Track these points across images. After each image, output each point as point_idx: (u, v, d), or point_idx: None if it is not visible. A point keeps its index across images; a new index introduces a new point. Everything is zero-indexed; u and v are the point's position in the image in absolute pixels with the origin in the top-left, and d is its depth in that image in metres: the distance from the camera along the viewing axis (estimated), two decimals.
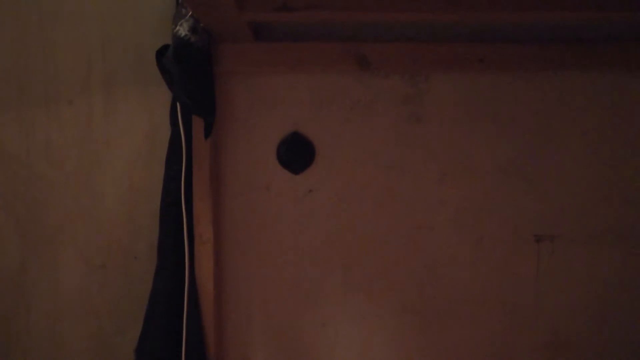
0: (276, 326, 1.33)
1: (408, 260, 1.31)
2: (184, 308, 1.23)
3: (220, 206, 1.29)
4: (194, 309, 1.24)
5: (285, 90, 1.28)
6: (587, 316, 1.31)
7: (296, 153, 1.28)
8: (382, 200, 1.30)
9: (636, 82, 1.27)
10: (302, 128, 1.28)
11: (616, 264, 1.30)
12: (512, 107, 1.28)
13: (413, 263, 1.31)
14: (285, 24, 1.25)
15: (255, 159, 1.29)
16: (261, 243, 1.31)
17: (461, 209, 1.30)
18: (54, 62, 1.29)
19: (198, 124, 1.20)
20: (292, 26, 1.25)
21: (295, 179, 1.29)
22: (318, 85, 1.27)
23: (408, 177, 1.29)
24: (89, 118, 1.30)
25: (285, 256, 1.31)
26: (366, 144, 1.29)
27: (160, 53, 1.19)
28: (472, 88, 1.28)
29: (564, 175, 1.29)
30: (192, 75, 1.14)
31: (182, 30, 1.12)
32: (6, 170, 1.32)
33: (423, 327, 1.32)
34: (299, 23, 1.25)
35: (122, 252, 1.33)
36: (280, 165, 1.28)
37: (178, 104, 1.21)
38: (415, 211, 1.30)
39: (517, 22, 1.25)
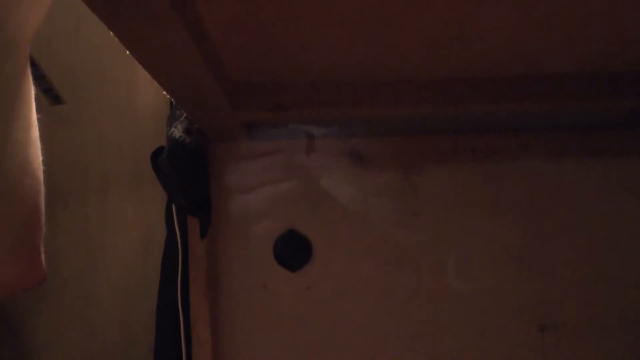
0: None
1: (411, 355, 1.28)
2: None
3: (217, 307, 1.27)
4: None
5: (280, 188, 1.28)
6: None
7: (293, 250, 1.27)
8: (382, 295, 1.28)
9: (631, 166, 1.28)
10: (298, 225, 1.28)
11: (625, 352, 1.27)
12: (508, 195, 1.28)
13: (416, 358, 1.28)
14: (278, 122, 1.27)
15: (251, 258, 1.28)
16: (260, 343, 1.28)
17: (462, 300, 1.28)
18: (49, 166, 1.29)
19: (194, 224, 1.20)
20: (286, 124, 1.27)
21: (292, 276, 1.28)
22: (313, 182, 1.28)
23: (407, 270, 1.28)
24: (84, 222, 1.30)
25: (284, 356, 1.28)
26: (363, 239, 1.28)
27: (156, 155, 1.20)
28: (467, 178, 1.29)
29: (566, 261, 1.27)
30: (187, 176, 1.15)
31: (177, 132, 1.13)
32: None
33: None
34: (292, 121, 1.27)
35: (119, 357, 1.30)
36: (277, 263, 1.27)
37: (173, 205, 1.22)
38: (416, 305, 1.28)
39: (507, 111, 1.27)
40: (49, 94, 1.13)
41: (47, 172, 1.21)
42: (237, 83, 0.96)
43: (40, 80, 1.07)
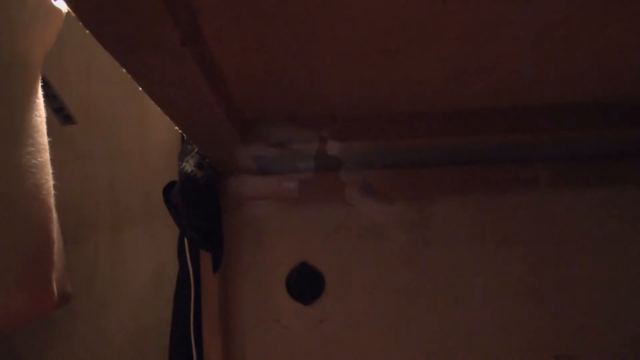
0: None
1: None
2: None
3: (230, 341, 1.26)
4: None
5: (291, 220, 1.28)
6: None
7: (305, 284, 1.26)
8: (395, 327, 1.27)
9: None
10: (311, 258, 1.27)
11: None
12: (520, 225, 1.27)
13: None
14: (289, 155, 1.27)
15: (264, 291, 1.27)
16: None
17: (475, 332, 1.27)
18: (61, 203, 1.30)
19: (206, 258, 1.20)
20: (296, 157, 1.27)
21: (305, 310, 1.27)
22: (324, 214, 1.27)
23: (419, 302, 1.27)
24: (96, 256, 1.30)
25: None
26: (375, 270, 1.27)
27: (167, 189, 1.21)
28: (478, 209, 1.28)
29: (580, 291, 1.26)
30: (198, 210, 1.15)
31: (188, 166, 1.14)
32: None
33: None
34: (303, 154, 1.27)
35: None
36: (290, 296, 1.27)
37: (185, 239, 1.22)
38: (429, 337, 1.27)
39: (519, 143, 1.27)
40: (60, 114, 1.13)
41: (59, 207, 1.22)
42: (248, 117, 0.97)
43: (52, 99, 1.08)
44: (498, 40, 0.65)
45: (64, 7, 0.94)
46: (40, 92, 0.89)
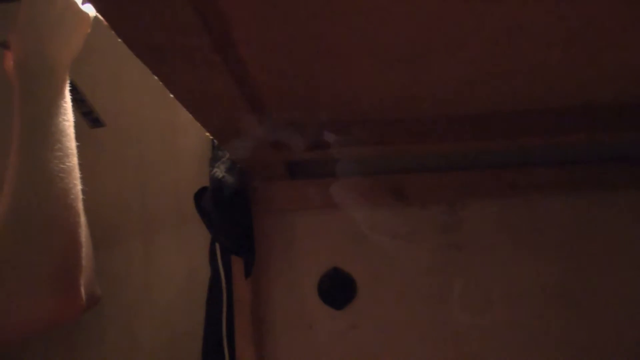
0: None
1: None
2: None
3: (262, 346, 1.26)
4: None
5: (322, 225, 1.27)
6: None
7: (337, 289, 1.26)
8: (427, 332, 1.26)
9: None
10: (342, 263, 1.26)
11: None
12: (552, 229, 1.26)
13: None
14: (319, 160, 1.27)
15: (296, 297, 1.27)
16: None
17: (508, 337, 1.25)
18: (93, 208, 1.31)
19: (238, 264, 1.20)
20: (326, 162, 1.27)
21: (337, 315, 1.26)
22: (355, 219, 1.27)
23: (452, 307, 1.26)
24: (128, 262, 1.31)
25: None
26: (407, 275, 1.26)
27: (199, 195, 1.21)
28: (510, 213, 1.27)
29: (615, 297, 1.24)
30: (230, 215, 1.15)
31: (219, 172, 1.14)
32: None
33: None
34: (333, 159, 1.26)
35: None
36: (322, 301, 1.26)
37: (217, 245, 1.22)
38: (461, 342, 1.25)
39: (551, 144, 1.25)
40: (88, 117, 1.14)
41: (91, 212, 1.23)
42: (278, 123, 0.96)
43: (80, 103, 1.09)
44: (528, 42, 0.64)
45: (92, 11, 0.94)
46: (68, 96, 0.90)
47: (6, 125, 0.89)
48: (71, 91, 0.91)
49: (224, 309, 1.20)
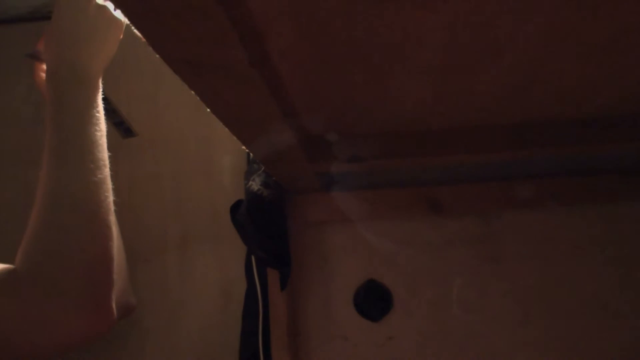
0: None
1: None
2: None
3: (298, 359, 1.26)
4: None
5: (358, 237, 1.27)
6: None
7: (373, 300, 1.25)
8: (464, 344, 1.24)
9: None
10: (378, 275, 1.26)
11: None
12: (590, 239, 1.24)
13: None
14: (354, 172, 1.27)
15: (332, 309, 1.27)
16: None
17: (547, 350, 1.23)
18: (131, 222, 1.32)
19: (274, 276, 1.20)
20: (361, 174, 1.27)
21: (373, 327, 1.26)
22: (391, 231, 1.26)
23: (489, 319, 1.24)
24: (164, 275, 1.32)
25: None
26: (444, 287, 1.25)
27: (234, 208, 1.22)
28: (547, 223, 1.25)
29: None
30: (265, 228, 1.15)
31: (255, 185, 1.15)
32: None
33: None
34: (368, 171, 1.26)
35: None
36: (358, 313, 1.26)
37: (253, 258, 1.22)
38: (499, 355, 1.24)
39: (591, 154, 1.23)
40: (120, 128, 1.15)
41: (128, 226, 1.24)
42: (314, 135, 0.97)
43: (112, 114, 1.10)
44: (564, 48, 0.63)
45: (125, 18, 0.94)
46: (101, 105, 0.89)
47: (37, 136, 0.89)
48: (102, 101, 0.91)
49: (260, 322, 1.20)
